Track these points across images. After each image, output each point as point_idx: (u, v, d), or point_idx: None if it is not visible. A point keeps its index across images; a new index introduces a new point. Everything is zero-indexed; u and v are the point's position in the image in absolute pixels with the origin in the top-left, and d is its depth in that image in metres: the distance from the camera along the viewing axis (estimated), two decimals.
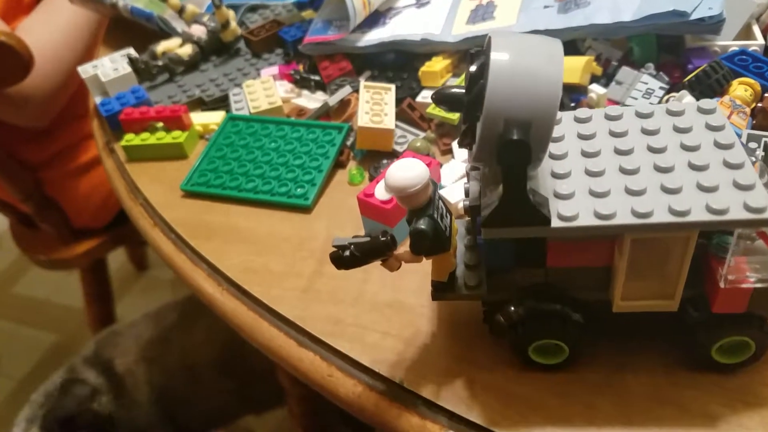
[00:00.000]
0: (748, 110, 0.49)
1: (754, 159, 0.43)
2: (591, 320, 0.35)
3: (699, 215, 0.28)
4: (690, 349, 0.35)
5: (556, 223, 0.29)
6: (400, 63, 0.64)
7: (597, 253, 0.32)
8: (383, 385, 0.38)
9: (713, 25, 0.53)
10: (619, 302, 0.32)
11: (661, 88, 0.52)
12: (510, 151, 0.27)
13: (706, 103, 0.34)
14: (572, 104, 0.54)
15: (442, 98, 0.31)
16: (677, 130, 0.33)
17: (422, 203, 0.32)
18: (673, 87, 0.53)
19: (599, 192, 0.30)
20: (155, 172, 0.60)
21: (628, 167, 0.31)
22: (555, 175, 0.32)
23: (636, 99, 0.52)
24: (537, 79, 0.27)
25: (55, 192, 1.08)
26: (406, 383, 0.37)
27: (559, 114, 0.35)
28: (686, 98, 0.50)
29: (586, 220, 0.29)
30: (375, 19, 0.66)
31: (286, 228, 0.50)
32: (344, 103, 0.60)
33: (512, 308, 0.35)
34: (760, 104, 0.49)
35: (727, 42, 0.56)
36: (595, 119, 0.35)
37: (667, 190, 0.29)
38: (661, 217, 0.28)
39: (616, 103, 0.53)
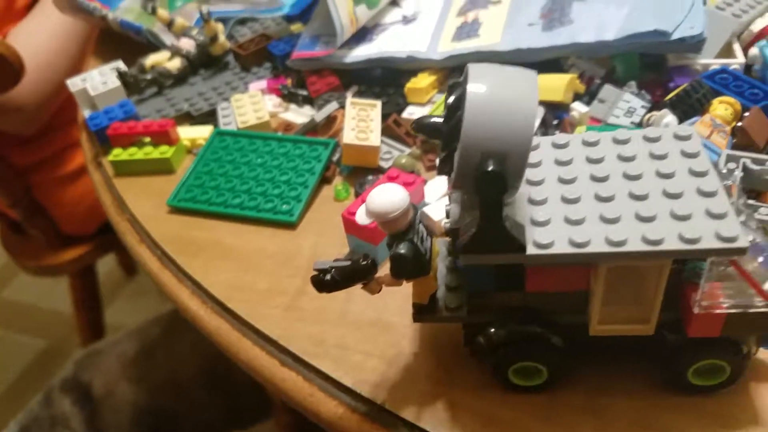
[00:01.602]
0: (728, 129, 0.50)
1: (731, 181, 0.44)
2: (571, 343, 0.35)
3: (672, 244, 0.29)
4: (668, 371, 0.35)
5: (531, 250, 0.30)
6: (386, 79, 0.64)
7: (574, 279, 0.32)
8: (365, 407, 0.38)
9: (694, 44, 0.54)
10: (596, 326, 0.33)
11: (642, 106, 0.53)
12: (486, 181, 0.28)
13: (683, 129, 0.34)
14: (555, 122, 0.55)
15: (422, 127, 0.32)
16: (653, 156, 0.33)
17: (403, 228, 0.32)
18: (655, 105, 0.53)
19: (575, 219, 0.30)
20: (142, 186, 0.60)
21: (603, 194, 0.31)
22: (532, 202, 0.32)
23: (618, 117, 0.53)
24: (512, 112, 0.28)
25: (43, 198, 1.08)
26: (388, 405, 0.38)
27: (537, 139, 0.35)
28: (667, 117, 0.51)
29: (561, 248, 0.30)
30: (362, 35, 0.66)
31: (271, 245, 0.51)
32: (331, 119, 0.60)
33: (493, 331, 0.35)
34: (740, 123, 0.50)
35: (708, 60, 0.57)
36: (572, 145, 0.35)
37: (641, 219, 0.30)
38: (635, 246, 0.29)
39: (599, 121, 0.54)
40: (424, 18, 0.67)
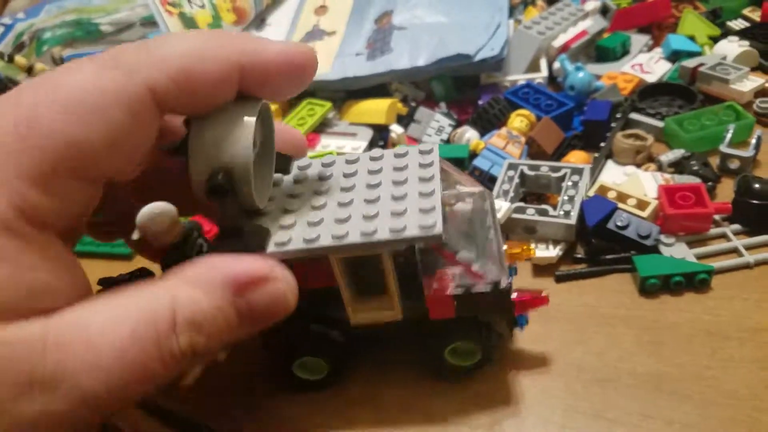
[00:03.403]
0: (523, 140, 0.56)
1: (512, 190, 0.49)
2: (350, 337, 0.39)
3: (382, 235, 0.33)
4: (427, 354, 0.39)
5: (270, 248, 0.34)
6: None
7: (329, 275, 0.36)
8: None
9: (494, 63, 0.60)
10: (352, 316, 0.37)
11: (450, 124, 0.58)
12: (216, 191, 0.32)
13: (426, 145, 0.39)
14: (380, 143, 0.60)
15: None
16: (395, 168, 0.38)
17: (175, 240, 0.36)
18: (461, 123, 0.59)
19: (313, 222, 0.34)
20: None
21: (343, 201, 0.36)
22: (285, 211, 0.36)
23: (430, 136, 0.58)
24: (232, 135, 0.32)
25: None
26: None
27: (304, 161, 0.40)
28: (468, 133, 0.57)
29: (296, 245, 0.34)
30: None
31: None
32: None
33: (282, 331, 0.39)
34: (531, 134, 0.56)
35: (516, 76, 0.63)
36: (336, 163, 0.39)
37: (365, 218, 0.34)
38: (353, 238, 0.33)
39: (415, 140, 0.59)
40: None
